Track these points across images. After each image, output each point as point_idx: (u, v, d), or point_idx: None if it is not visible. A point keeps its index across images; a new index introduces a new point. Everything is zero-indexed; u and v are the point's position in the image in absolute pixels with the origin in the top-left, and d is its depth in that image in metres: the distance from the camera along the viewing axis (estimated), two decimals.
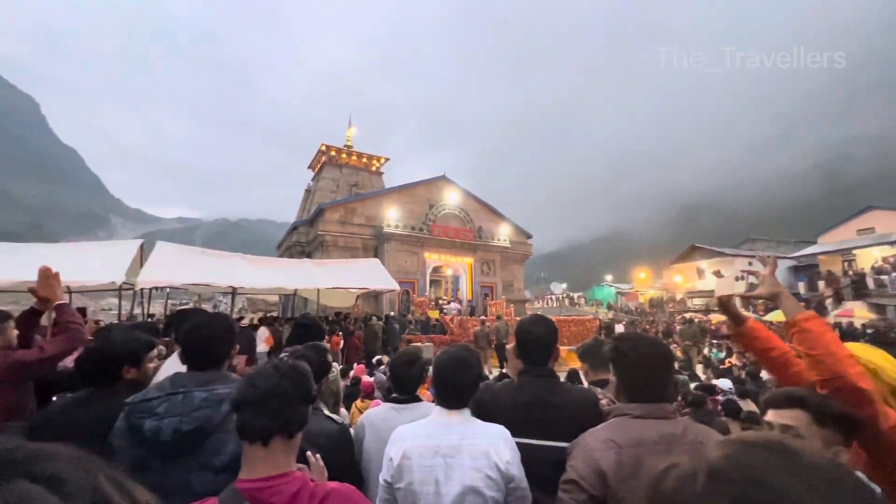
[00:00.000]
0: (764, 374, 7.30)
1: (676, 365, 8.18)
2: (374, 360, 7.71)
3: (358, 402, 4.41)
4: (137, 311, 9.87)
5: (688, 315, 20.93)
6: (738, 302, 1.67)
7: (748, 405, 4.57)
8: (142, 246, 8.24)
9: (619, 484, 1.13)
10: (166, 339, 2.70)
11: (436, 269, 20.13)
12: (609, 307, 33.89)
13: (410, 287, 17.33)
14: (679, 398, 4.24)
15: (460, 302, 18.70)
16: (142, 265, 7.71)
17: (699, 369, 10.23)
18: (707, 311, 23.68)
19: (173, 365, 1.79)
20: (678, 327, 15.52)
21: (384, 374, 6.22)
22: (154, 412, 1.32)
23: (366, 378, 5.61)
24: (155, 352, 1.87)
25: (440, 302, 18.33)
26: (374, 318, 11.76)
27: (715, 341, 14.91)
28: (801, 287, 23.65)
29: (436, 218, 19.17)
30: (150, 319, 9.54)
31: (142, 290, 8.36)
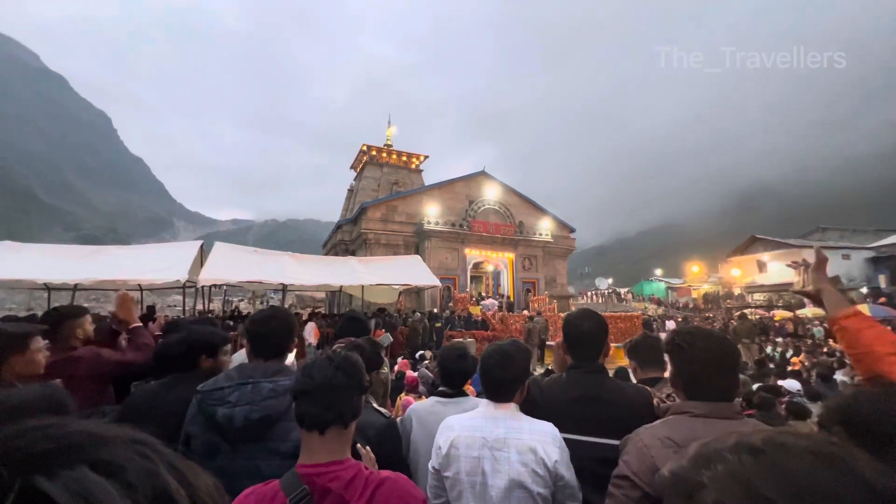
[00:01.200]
0: (838, 376, 6.68)
1: None
2: (418, 355, 7.84)
3: (402, 396, 4.50)
4: (199, 306, 10.61)
5: (746, 311, 19.57)
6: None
7: (818, 410, 4.21)
8: (201, 247, 8.85)
9: None
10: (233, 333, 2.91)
11: (476, 265, 20.10)
12: (658, 303, 32.35)
13: (451, 283, 17.42)
14: (741, 399, 3.98)
15: (499, 297, 18.55)
16: (202, 264, 8.28)
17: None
18: (770, 306, 22.03)
19: (240, 358, 1.96)
20: (734, 324, 14.58)
21: (427, 368, 6.31)
22: (226, 401, 1.40)
23: (410, 373, 5.72)
24: (228, 346, 2.01)
25: (478, 298, 18.31)
26: (416, 313, 11.95)
27: (779, 339, 13.86)
28: (882, 280, 21.44)
29: (476, 214, 19.12)
30: (209, 315, 10.23)
31: (202, 287, 8.99)
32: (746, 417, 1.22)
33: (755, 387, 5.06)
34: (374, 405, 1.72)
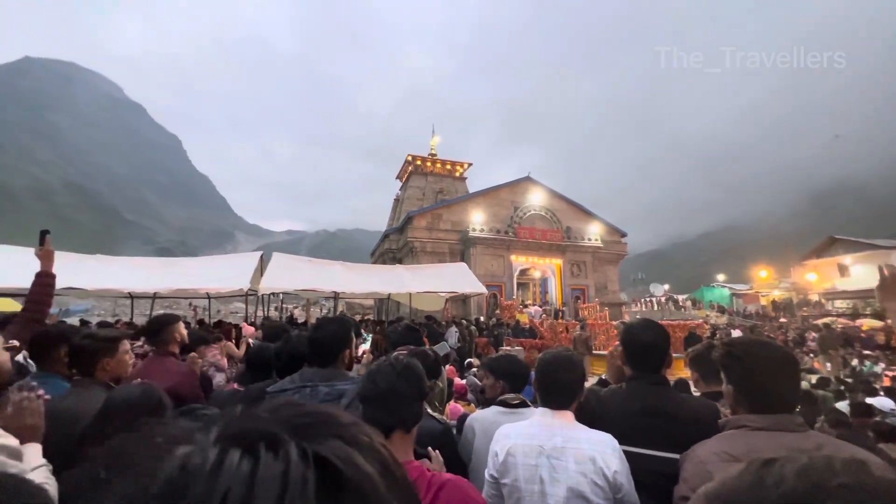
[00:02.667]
0: None
1: (813, 379, 6.98)
2: (466, 362, 7.84)
3: (450, 403, 4.52)
4: (260, 313, 11.28)
5: (827, 319, 17.75)
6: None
7: None
8: (261, 257, 9.46)
9: None
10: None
11: (523, 272, 19.81)
12: (722, 310, 30.12)
13: (497, 290, 17.29)
14: (822, 417, 3.62)
15: (544, 304, 18.13)
16: (262, 274, 8.83)
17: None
18: (855, 314, 19.84)
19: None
20: (814, 334, 13.25)
21: (475, 376, 6.29)
22: None
23: (458, 380, 5.73)
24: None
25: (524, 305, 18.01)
26: (463, 321, 11.95)
27: (866, 352, 12.44)
28: None
29: (521, 220, 18.91)
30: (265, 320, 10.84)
31: (262, 295, 9.57)
32: (810, 430, 1.13)
33: (841, 404, 4.59)
34: (430, 412, 1.76)
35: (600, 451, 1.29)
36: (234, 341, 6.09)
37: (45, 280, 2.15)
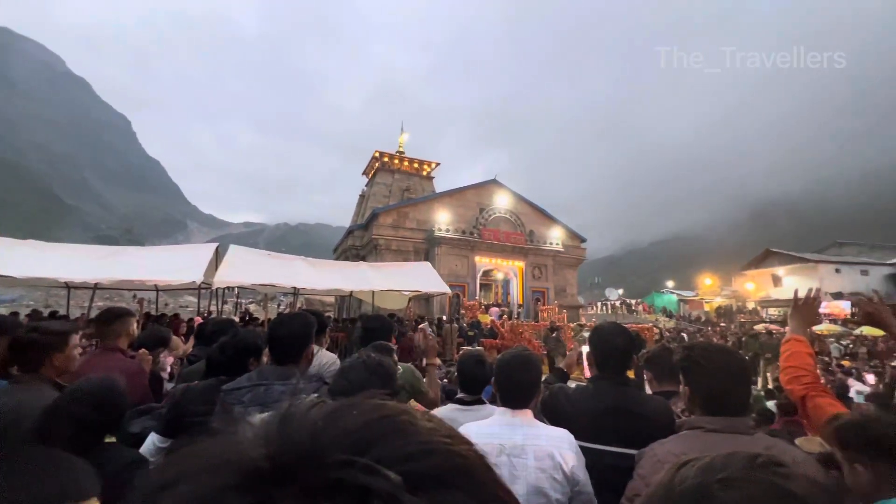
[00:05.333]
0: (853, 393, 6.55)
1: None
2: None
3: (412, 402, 4.53)
4: (213, 308, 10.76)
5: (759, 326, 19.22)
6: None
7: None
8: (217, 249, 9.01)
9: None
10: None
11: (486, 273, 20.07)
12: (670, 315, 31.90)
13: (461, 291, 17.42)
14: (753, 415, 3.94)
15: (501, 306, 18.46)
16: (216, 266, 8.42)
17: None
18: (785, 321, 21.61)
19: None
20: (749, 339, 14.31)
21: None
22: (241, 400, 1.47)
23: None
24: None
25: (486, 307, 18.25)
26: (423, 320, 11.96)
27: None
28: None
29: (486, 222, 19.15)
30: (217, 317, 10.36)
31: (216, 289, 9.13)
32: (759, 433, 1.24)
33: (769, 403, 4.99)
34: None
35: (558, 447, 1.33)
36: (182, 337, 5.77)
37: None
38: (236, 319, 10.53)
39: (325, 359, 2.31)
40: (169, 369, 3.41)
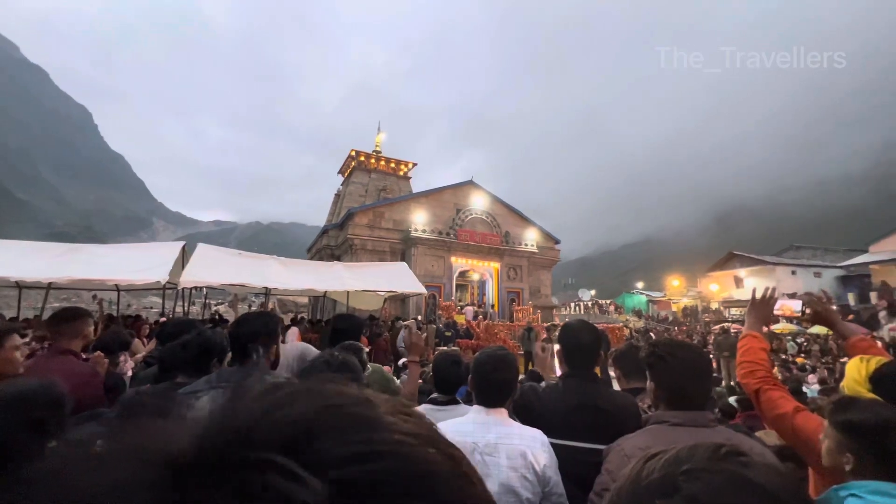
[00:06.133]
0: (807, 390, 6.91)
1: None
2: (401, 362, 7.79)
3: None
4: (179, 309, 10.36)
5: (725, 325, 20.06)
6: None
7: None
8: (183, 247, 8.66)
9: None
10: None
11: (462, 274, 20.14)
12: (640, 315, 32.87)
13: (437, 291, 17.41)
14: (717, 410, 4.10)
15: (475, 304, 18.55)
16: (183, 266, 8.09)
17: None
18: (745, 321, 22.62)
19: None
20: (713, 338, 14.91)
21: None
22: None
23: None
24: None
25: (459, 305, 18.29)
26: (399, 320, 11.88)
27: None
28: (851, 298, 22.24)
29: (463, 222, 19.22)
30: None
31: (183, 289, 8.78)
32: (719, 426, 1.28)
33: (733, 399, 5.19)
34: None
35: (530, 446, 1.34)
36: (146, 339, 5.53)
37: None
38: (202, 320, 10.17)
39: (295, 351, 2.25)
40: (130, 374, 3.25)
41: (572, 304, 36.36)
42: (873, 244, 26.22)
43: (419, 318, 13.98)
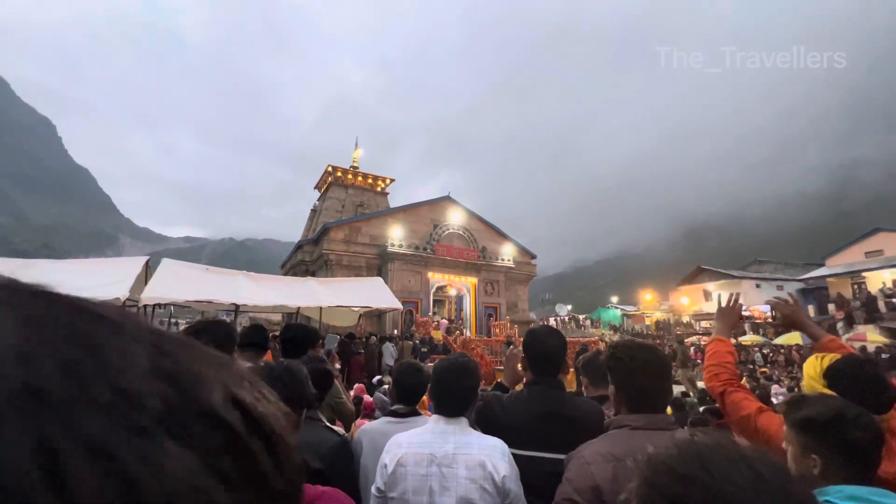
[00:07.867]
0: (775, 399, 7.11)
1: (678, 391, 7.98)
2: (375, 379, 7.61)
3: (356, 423, 4.33)
4: None
5: (693, 338, 20.62)
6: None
7: None
8: (147, 262, 8.29)
9: (614, 498, 1.08)
10: None
11: (439, 289, 20.05)
12: (615, 329, 33.41)
13: (414, 307, 17.24)
14: (688, 421, 4.15)
15: (450, 320, 18.47)
16: (146, 282, 7.74)
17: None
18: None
19: None
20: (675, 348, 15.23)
21: (384, 394, 6.13)
22: None
23: (367, 397, 5.53)
24: None
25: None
26: (373, 337, 11.66)
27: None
28: (811, 310, 23.28)
29: (440, 238, 19.23)
30: None
31: (145, 306, 8.38)
32: (679, 428, 1.27)
33: (702, 409, 5.28)
34: (326, 423, 1.65)
35: (489, 456, 1.29)
36: None
37: None
38: None
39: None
40: None
41: (550, 319, 36.65)
42: (829, 258, 27.65)
43: (395, 332, 13.78)
